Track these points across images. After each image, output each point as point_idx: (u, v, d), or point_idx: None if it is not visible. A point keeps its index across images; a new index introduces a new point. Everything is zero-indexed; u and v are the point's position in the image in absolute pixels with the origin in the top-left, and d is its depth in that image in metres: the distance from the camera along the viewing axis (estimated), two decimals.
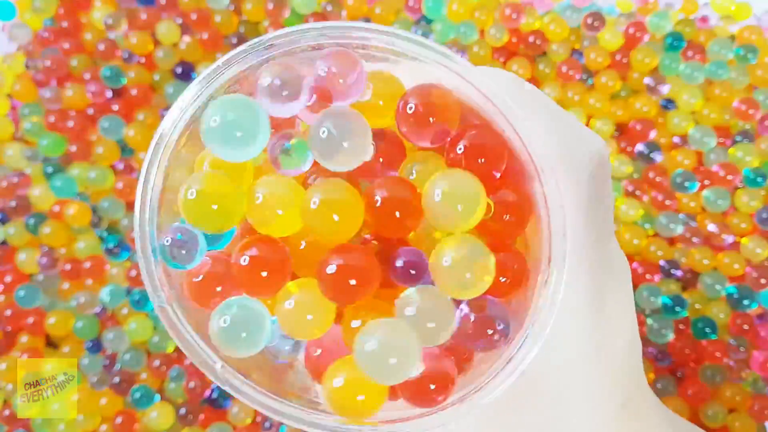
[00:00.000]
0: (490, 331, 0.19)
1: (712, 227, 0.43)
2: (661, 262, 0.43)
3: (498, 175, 0.19)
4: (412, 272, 0.19)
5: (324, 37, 0.20)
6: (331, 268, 0.18)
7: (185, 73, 0.47)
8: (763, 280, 0.41)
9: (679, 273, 0.43)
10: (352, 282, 0.18)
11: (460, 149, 0.19)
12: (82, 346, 0.42)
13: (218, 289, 0.19)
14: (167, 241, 0.19)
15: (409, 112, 0.19)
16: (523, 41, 0.47)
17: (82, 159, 0.45)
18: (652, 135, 0.45)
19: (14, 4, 0.47)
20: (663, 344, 0.41)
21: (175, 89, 0.46)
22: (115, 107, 0.46)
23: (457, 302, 0.19)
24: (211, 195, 0.18)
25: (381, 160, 0.19)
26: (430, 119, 0.19)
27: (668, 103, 0.46)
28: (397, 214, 0.18)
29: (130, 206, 0.45)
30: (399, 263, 0.19)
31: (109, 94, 0.46)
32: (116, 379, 0.40)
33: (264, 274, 0.18)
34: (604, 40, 0.47)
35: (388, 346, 0.17)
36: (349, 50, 0.19)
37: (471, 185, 0.18)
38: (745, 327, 0.41)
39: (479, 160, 0.19)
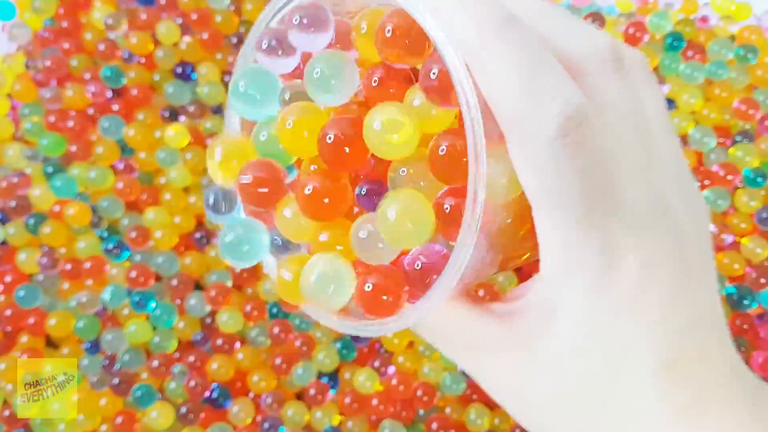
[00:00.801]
0: (428, 281, 0.20)
1: (711, 227, 0.43)
2: None
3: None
4: (375, 199, 0.21)
5: None
6: (308, 189, 0.21)
7: (185, 73, 0.47)
8: (763, 280, 0.41)
9: None
10: (326, 200, 0.21)
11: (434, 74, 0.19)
12: (81, 347, 0.42)
13: (264, 190, 0.22)
14: (211, 198, 0.23)
15: (388, 35, 0.20)
16: None
17: (82, 159, 0.45)
18: None
19: (14, 4, 0.47)
20: None
21: (175, 89, 0.46)
22: (115, 107, 0.46)
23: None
24: (303, 124, 0.21)
25: (392, 90, 0.21)
26: (406, 41, 0.20)
27: (668, 103, 0.46)
28: (347, 149, 0.20)
29: (130, 206, 0.45)
30: (362, 191, 0.22)
31: (109, 94, 0.46)
32: (116, 380, 0.40)
33: (263, 190, 0.22)
34: None
35: (327, 276, 0.21)
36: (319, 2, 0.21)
37: (400, 114, 0.20)
38: (745, 327, 0.41)
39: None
